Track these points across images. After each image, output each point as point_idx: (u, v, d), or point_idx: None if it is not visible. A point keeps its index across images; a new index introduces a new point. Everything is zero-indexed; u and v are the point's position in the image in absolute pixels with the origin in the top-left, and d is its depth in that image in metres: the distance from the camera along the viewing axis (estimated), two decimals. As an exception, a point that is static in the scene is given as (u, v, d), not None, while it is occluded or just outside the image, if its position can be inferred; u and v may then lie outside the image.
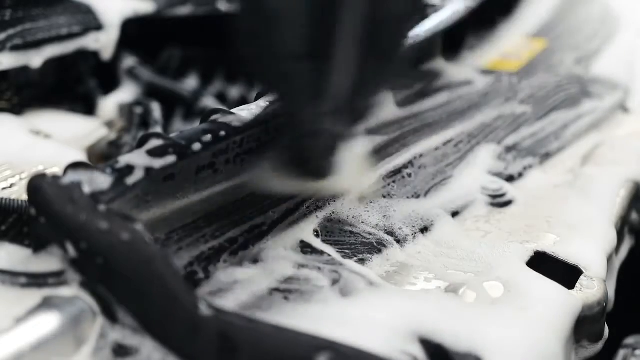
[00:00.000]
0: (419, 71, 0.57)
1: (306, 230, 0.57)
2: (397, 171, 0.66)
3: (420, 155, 0.69)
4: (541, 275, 0.56)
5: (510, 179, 0.69)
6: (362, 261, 0.55)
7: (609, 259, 0.62)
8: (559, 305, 0.54)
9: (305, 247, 0.56)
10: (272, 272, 0.52)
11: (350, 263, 0.55)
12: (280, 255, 0.54)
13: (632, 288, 0.69)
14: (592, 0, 1.10)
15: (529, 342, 0.50)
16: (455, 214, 0.63)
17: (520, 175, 0.70)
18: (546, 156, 0.75)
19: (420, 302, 0.51)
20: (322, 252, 0.55)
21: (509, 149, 0.74)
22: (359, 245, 0.57)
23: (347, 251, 0.56)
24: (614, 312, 0.62)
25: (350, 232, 0.58)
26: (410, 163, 0.67)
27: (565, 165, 0.73)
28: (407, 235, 0.60)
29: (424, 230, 0.61)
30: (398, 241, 0.59)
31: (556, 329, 0.52)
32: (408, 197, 0.63)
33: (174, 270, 0.46)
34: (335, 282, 0.52)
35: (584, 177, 0.72)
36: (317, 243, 0.56)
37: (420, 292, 0.54)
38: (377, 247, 0.57)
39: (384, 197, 0.62)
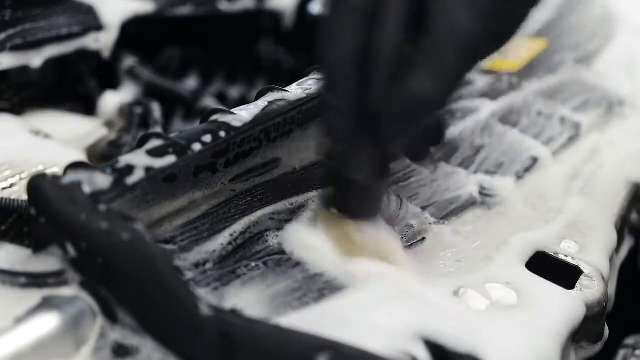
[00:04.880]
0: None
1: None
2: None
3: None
4: (542, 278, 0.56)
5: (509, 178, 0.69)
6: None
7: (610, 259, 0.62)
8: (561, 307, 0.54)
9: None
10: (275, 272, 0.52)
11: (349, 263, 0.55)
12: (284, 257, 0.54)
13: (632, 288, 0.69)
14: (592, 0, 1.10)
15: (529, 343, 0.50)
16: (454, 214, 0.63)
17: (520, 175, 0.70)
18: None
19: (420, 303, 0.51)
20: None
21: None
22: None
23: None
24: (614, 312, 0.62)
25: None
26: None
27: (565, 165, 0.73)
28: (403, 236, 0.59)
29: (422, 231, 0.61)
30: (398, 241, 0.59)
31: (557, 330, 0.52)
32: (409, 197, 0.63)
33: (174, 270, 0.46)
34: (335, 283, 0.52)
35: (584, 177, 0.72)
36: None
37: (419, 293, 0.54)
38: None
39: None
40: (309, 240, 0.55)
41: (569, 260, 0.60)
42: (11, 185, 0.65)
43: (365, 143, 0.52)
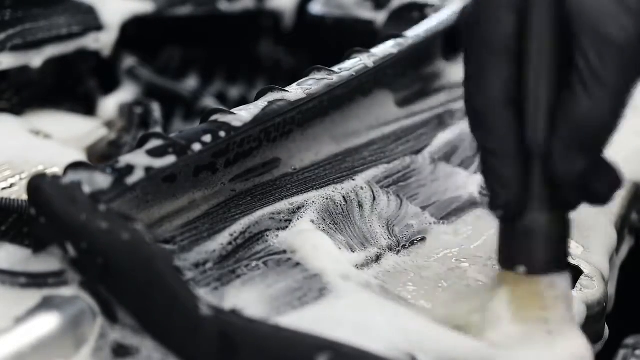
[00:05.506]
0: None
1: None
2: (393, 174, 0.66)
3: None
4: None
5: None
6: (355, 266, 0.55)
7: (610, 259, 0.62)
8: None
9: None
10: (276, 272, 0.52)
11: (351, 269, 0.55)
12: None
13: (632, 288, 0.69)
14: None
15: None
16: (454, 214, 0.63)
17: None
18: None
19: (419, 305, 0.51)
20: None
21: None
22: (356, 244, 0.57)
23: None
24: (614, 312, 0.62)
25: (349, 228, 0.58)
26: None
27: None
28: (402, 237, 0.59)
29: (422, 231, 0.61)
30: (395, 244, 0.59)
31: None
32: (409, 197, 0.63)
33: (174, 270, 0.46)
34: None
35: (584, 177, 0.71)
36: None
37: (418, 295, 0.54)
38: (371, 250, 0.57)
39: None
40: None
41: (569, 260, 0.60)
42: (11, 185, 0.65)
43: (539, 184, 0.49)
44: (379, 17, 0.97)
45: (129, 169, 0.51)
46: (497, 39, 0.48)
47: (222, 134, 0.55)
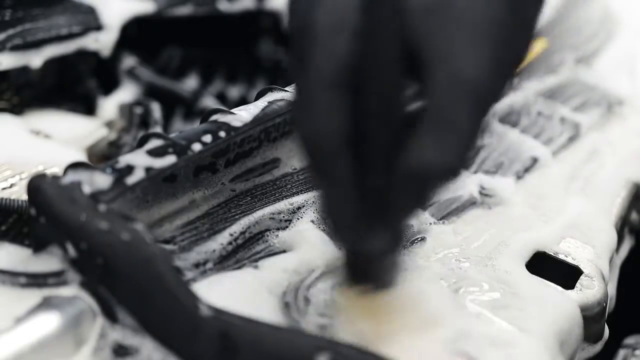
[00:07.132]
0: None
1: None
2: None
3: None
4: (541, 278, 0.56)
5: (509, 178, 0.69)
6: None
7: (610, 259, 0.62)
8: (558, 309, 0.54)
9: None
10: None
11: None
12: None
13: (632, 288, 0.69)
14: (592, 0, 1.10)
15: (527, 344, 0.50)
16: (454, 214, 0.63)
17: (520, 175, 0.70)
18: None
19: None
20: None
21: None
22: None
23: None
24: (614, 312, 0.62)
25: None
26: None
27: (565, 165, 0.73)
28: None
29: (422, 231, 0.61)
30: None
31: (555, 333, 0.52)
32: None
33: (174, 270, 0.46)
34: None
35: (584, 177, 0.72)
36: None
37: (417, 295, 0.54)
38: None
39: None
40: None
41: (569, 260, 0.60)
42: (11, 185, 0.65)
43: (376, 222, 0.45)
44: (379, 17, 0.97)
45: (129, 169, 0.51)
46: (329, 70, 0.42)
47: (222, 134, 0.55)
